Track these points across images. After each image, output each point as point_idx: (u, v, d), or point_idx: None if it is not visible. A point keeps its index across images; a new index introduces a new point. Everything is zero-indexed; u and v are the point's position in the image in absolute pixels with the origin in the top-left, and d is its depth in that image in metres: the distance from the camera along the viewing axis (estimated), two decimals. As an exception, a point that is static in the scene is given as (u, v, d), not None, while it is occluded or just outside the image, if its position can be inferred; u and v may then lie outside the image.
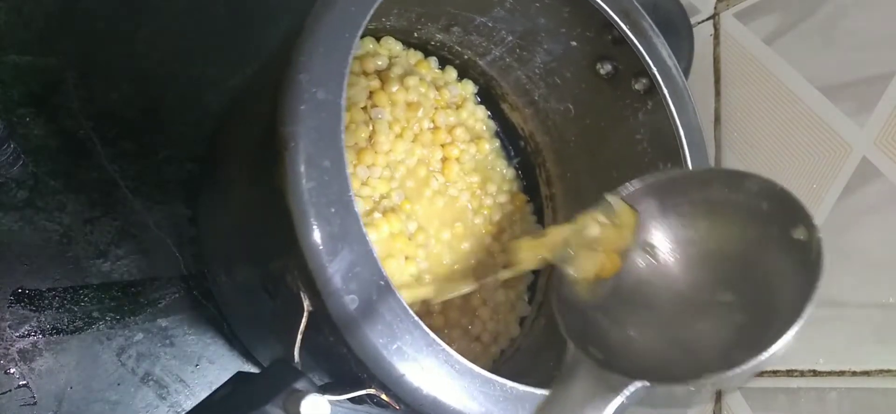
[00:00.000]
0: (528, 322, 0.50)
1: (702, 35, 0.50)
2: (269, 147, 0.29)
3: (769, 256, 0.26)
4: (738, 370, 0.23)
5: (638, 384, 0.24)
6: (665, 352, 0.26)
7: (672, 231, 0.28)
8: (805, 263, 0.24)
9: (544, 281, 0.51)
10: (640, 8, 0.40)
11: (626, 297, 0.28)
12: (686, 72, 0.49)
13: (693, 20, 0.50)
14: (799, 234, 0.25)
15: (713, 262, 0.28)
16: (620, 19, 0.40)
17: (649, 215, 0.29)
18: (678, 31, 0.48)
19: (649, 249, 0.28)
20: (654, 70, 0.40)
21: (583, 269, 0.29)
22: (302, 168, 0.28)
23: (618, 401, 0.24)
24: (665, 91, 0.41)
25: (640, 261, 0.28)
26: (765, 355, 0.23)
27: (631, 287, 0.28)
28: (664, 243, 0.28)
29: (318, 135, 0.29)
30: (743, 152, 0.47)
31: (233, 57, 0.51)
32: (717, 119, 0.49)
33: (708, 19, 0.51)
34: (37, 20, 0.45)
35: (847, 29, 0.42)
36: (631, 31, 0.40)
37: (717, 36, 0.50)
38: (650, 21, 0.41)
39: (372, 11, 0.31)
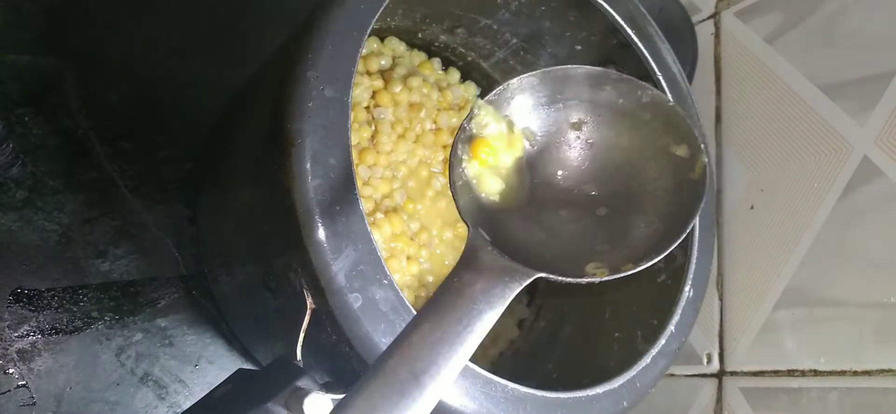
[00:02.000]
0: (526, 325, 0.50)
1: (703, 34, 0.51)
2: (275, 144, 0.29)
3: (652, 168, 0.27)
4: (610, 278, 0.24)
5: (535, 275, 0.24)
6: (552, 246, 0.27)
7: (559, 126, 0.29)
8: (686, 182, 0.26)
9: (543, 284, 0.51)
10: (645, 13, 0.40)
11: (516, 188, 0.28)
12: (690, 76, 0.49)
13: (694, 19, 0.51)
14: (680, 151, 0.26)
15: (598, 164, 0.28)
16: (626, 24, 0.40)
17: (536, 105, 0.29)
18: (681, 34, 0.49)
19: (530, 136, 0.29)
20: (659, 75, 0.41)
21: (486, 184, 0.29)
22: (308, 165, 0.28)
23: (516, 291, 0.24)
24: (669, 96, 0.41)
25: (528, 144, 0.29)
26: (631, 270, 0.24)
27: (520, 182, 0.28)
28: (553, 137, 0.29)
29: (325, 132, 0.29)
30: (743, 151, 0.47)
31: (233, 56, 0.51)
32: (718, 118, 0.49)
33: (709, 18, 0.51)
34: (36, 20, 0.45)
35: (848, 28, 0.42)
36: (636, 36, 0.40)
37: (717, 35, 0.50)
38: (655, 26, 0.41)
39: (381, 10, 0.31)
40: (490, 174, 0.28)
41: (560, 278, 0.25)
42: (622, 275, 0.25)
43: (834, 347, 0.41)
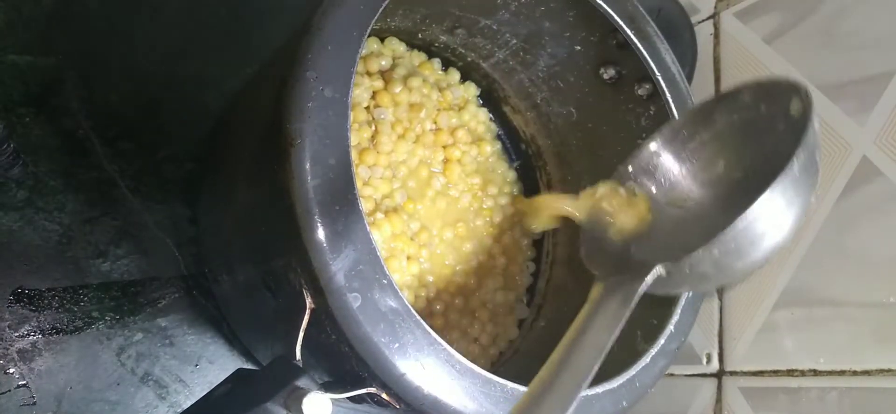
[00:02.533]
0: (526, 325, 0.50)
1: (702, 34, 0.51)
2: (274, 144, 0.29)
3: (782, 148, 0.26)
4: (730, 231, 0.23)
5: (658, 269, 0.25)
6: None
7: (694, 173, 0.30)
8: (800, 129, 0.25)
9: (543, 284, 0.51)
10: (644, 13, 0.40)
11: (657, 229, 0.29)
12: (689, 76, 0.49)
13: (693, 19, 0.51)
14: (794, 108, 0.26)
15: (736, 179, 0.29)
16: (625, 24, 0.40)
17: (669, 170, 0.30)
18: (681, 35, 0.49)
19: (676, 198, 0.29)
20: (658, 75, 0.41)
21: (622, 223, 0.30)
22: (307, 165, 0.28)
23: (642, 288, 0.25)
24: (668, 97, 0.41)
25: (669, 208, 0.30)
26: (753, 209, 0.23)
27: (662, 226, 0.29)
28: (690, 185, 0.30)
29: (325, 132, 0.29)
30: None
31: (233, 56, 0.51)
32: (718, 119, 0.49)
33: (708, 19, 0.51)
34: (37, 20, 0.45)
35: (847, 28, 0.42)
36: (635, 37, 0.40)
37: (717, 35, 0.50)
38: (654, 27, 0.41)
39: (380, 11, 0.31)
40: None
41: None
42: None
43: (833, 346, 0.41)
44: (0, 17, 0.44)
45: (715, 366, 0.47)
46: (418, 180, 0.45)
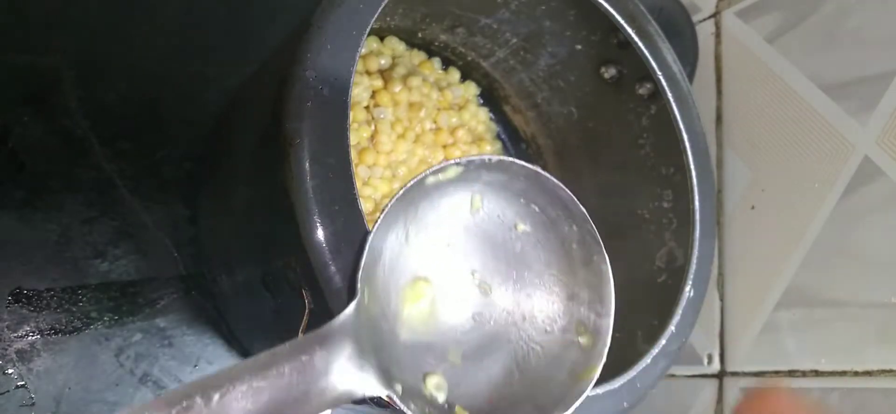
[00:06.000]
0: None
1: (703, 33, 0.50)
2: (274, 144, 0.29)
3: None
4: None
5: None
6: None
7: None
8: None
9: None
10: (645, 12, 0.40)
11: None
12: (690, 75, 0.49)
13: (694, 18, 0.50)
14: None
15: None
16: (626, 23, 0.40)
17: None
18: (682, 34, 0.49)
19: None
20: (659, 74, 0.40)
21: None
22: (307, 165, 0.28)
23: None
24: (669, 96, 0.41)
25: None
26: None
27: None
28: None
29: (324, 132, 0.29)
30: (744, 151, 0.47)
31: (232, 56, 0.51)
32: (719, 118, 0.49)
33: (709, 18, 0.51)
34: (35, 20, 0.45)
35: (849, 27, 0.42)
36: (636, 36, 0.40)
37: (718, 34, 0.50)
38: (656, 26, 0.41)
39: (380, 9, 0.31)
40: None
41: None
42: None
43: (835, 347, 0.41)
44: (-2, 16, 0.44)
45: (716, 366, 0.47)
46: (418, 180, 0.45)
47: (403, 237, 0.27)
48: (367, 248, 0.26)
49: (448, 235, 0.28)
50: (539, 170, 0.27)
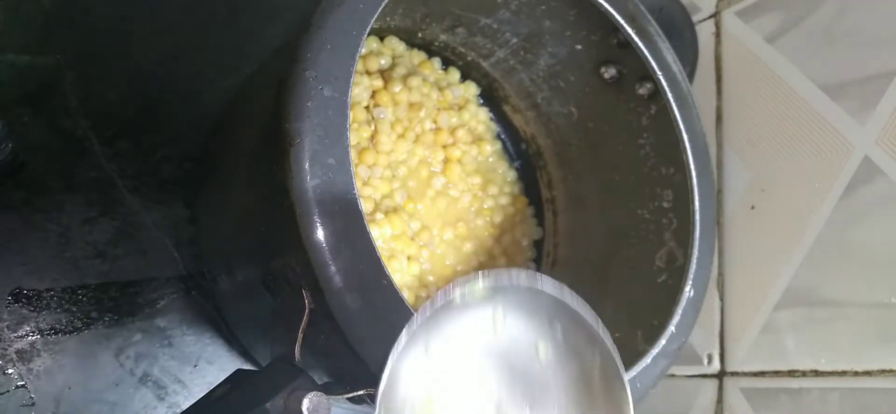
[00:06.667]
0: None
1: (703, 33, 0.51)
2: (274, 144, 0.29)
3: None
4: None
5: None
6: None
7: None
8: None
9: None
10: (645, 12, 0.40)
11: None
12: (690, 75, 0.49)
13: (694, 18, 0.50)
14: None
15: None
16: (626, 23, 0.40)
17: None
18: (682, 34, 0.49)
19: None
20: (659, 74, 0.40)
21: None
22: (307, 165, 0.28)
23: None
24: (669, 96, 0.41)
25: None
26: None
27: None
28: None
29: (324, 132, 0.29)
30: (744, 151, 0.47)
31: (231, 56, 0.51)
32: (719, 118, 0.49)
33: (709, 18, 0.51)
34: (35, 20, 0.45)
35: (849, 27, 0.42)
36: (636, 36, 0.40)
37: (718, 34, 0.50)
38: (656, 26, 0.41)
39: (380, 10, 0.31)
40: None
41: None
42: None
43: (835, 347, 0.41)
44: (-2, 16, 0.44)
45: (716, 366, 0.47)
46: (418, 180, 0.45)
47: (423, 348, 0.27)
48: (387, 369, 0.26)
49: (467, 352, 0.28)
50: (566, 289, 0.27)
